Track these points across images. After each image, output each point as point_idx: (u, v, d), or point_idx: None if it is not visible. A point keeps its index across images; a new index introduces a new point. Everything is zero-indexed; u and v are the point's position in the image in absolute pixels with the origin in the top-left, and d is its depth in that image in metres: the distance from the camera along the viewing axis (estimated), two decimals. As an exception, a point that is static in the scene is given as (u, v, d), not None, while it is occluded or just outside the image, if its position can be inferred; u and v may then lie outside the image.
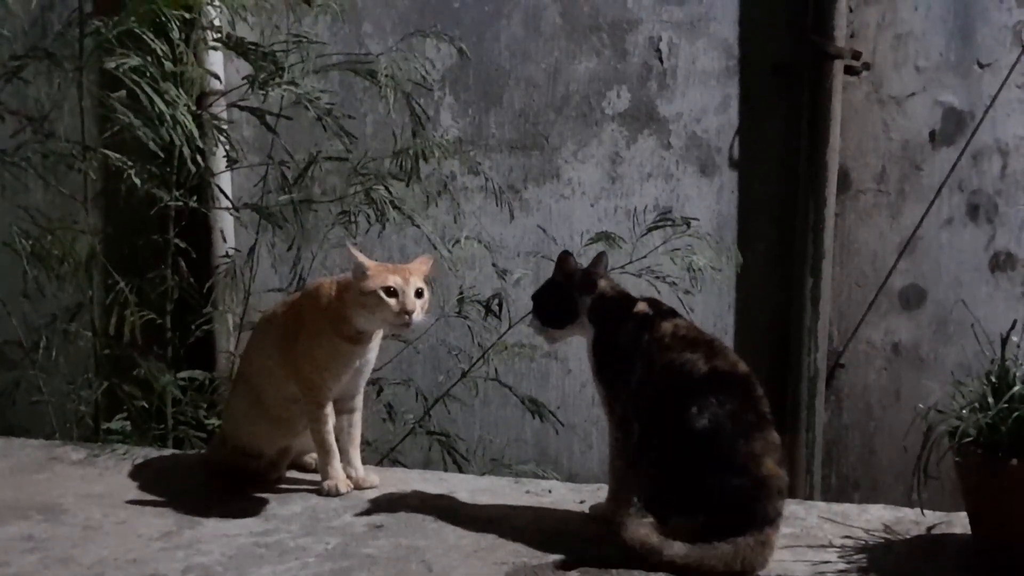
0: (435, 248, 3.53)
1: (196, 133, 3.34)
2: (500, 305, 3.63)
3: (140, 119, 3.24)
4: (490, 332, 3.73)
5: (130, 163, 3.35)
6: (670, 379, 2.43)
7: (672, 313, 2.59)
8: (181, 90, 3.31)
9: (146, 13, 3.26)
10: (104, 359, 3.62)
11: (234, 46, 3.46)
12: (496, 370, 3.73)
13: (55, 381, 3.73)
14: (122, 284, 3.46)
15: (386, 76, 3.45)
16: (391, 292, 2.63)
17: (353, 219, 3.54)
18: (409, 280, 2.65)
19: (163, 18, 3.29)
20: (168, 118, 3.22)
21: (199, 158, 3.39)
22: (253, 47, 3.45)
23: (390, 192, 3.48)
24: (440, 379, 3.94)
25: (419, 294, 2.66)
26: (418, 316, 2.66)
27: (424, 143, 3.54)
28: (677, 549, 2.29)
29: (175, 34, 3.33)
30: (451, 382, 3.79)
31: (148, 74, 3.24)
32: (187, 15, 3.37)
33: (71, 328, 3.62)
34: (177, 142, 3.27)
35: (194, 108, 3.38)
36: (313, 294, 2.83)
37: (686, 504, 2.36)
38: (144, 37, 3.27)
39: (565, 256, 2.64)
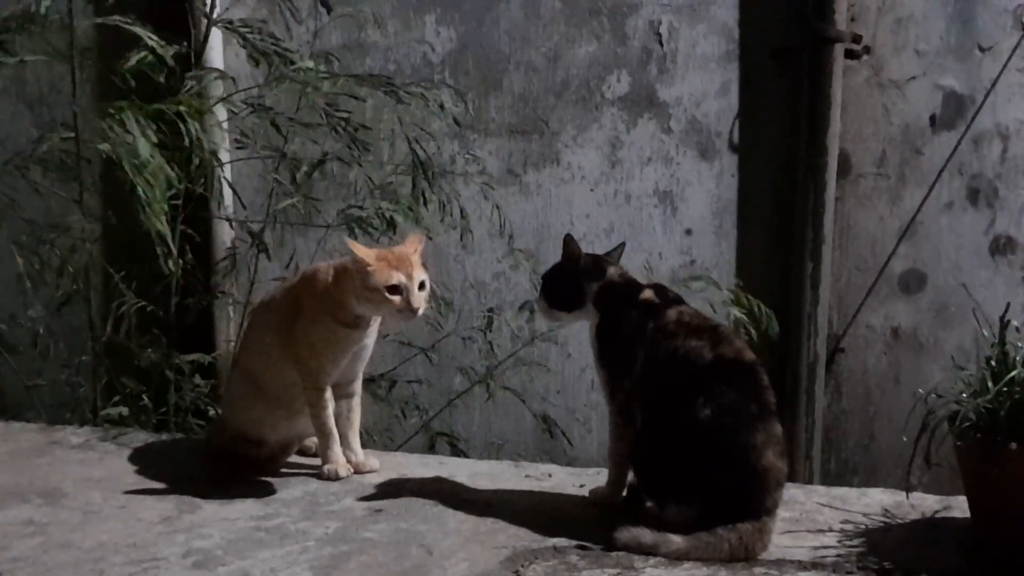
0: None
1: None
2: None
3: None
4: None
5: None
6: (674, 367, 2.42)
7: (678, 300, 2.58)
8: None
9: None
10: (102, 347, 3.61)
11: (233, 28, 3.42)
12: (493, 375, 3.73)
13: (52, 367, 3.72)
14: (122, 287, 3.45)
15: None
16: (396, 290, 2.62)
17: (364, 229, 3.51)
18: (413, 276, 2.62)
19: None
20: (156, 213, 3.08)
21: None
22: (272, 41, 3.41)
23: (408, 210, 3.47)
24: (440, 372, 3.93)
25: (422, 286, 2.65)
26: (422, 311, 2.65)
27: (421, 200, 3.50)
28: (674, 544, 2.30)
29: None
30: (457, 379, 3.81)
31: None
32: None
33: (69, 316, 3.60)
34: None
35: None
36: (310, 279, 2.81)
37: (684, 493, 2.36)
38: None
39: (569, 239, 2.63)
